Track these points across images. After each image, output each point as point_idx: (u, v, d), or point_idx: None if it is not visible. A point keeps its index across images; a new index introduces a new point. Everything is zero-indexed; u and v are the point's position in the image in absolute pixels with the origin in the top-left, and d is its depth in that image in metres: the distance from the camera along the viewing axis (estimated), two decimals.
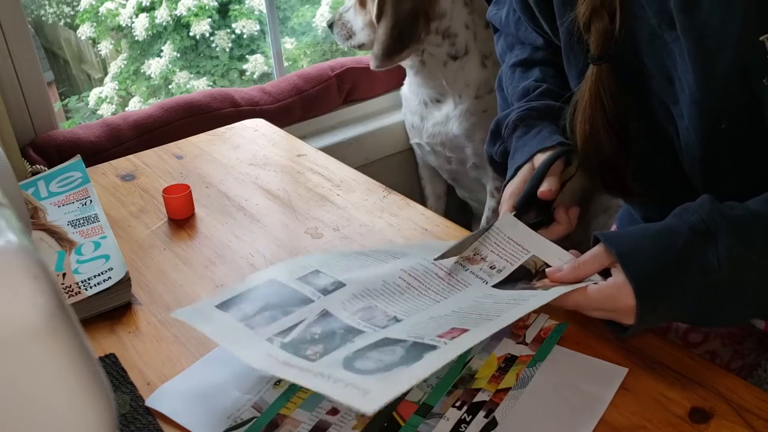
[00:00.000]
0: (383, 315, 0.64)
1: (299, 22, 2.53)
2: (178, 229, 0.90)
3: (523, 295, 0.64)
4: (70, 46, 2.51)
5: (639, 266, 0.59)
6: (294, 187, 1.00)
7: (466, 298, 0.66)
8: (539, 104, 0.81)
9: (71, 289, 0.73)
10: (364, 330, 0.61)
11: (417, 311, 0.65)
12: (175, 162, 1.09)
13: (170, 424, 0.60)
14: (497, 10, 0.93)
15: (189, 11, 2.36)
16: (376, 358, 0.56)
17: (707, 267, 0.58)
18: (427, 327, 0.60)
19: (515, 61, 0.88)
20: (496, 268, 0.70)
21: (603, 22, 0.67)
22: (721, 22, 0.59)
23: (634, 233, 0.62)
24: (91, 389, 0.34)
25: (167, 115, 1.50)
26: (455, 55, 1.49)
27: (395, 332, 0.60)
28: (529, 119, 0.80)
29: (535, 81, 0.84)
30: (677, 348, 0.66)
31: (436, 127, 1.58)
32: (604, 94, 0.70)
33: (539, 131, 0.78)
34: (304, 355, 0.57)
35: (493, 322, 0.59)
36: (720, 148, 0.66)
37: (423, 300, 0.67)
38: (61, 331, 0.32)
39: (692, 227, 0.59)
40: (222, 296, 0.66)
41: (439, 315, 0.63)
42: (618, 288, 0.60)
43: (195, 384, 0.64)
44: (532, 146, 0.77)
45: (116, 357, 0.68)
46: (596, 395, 0.61)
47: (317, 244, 0.86)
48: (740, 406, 0.59)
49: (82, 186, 0.96)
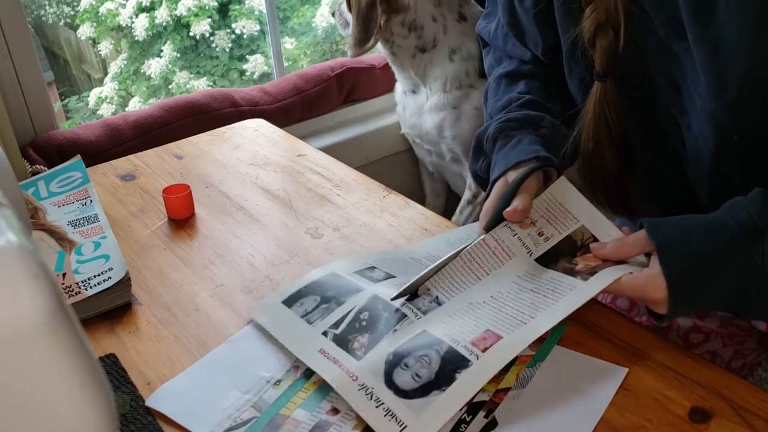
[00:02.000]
0: (426, 294, 0.69)
1: (299, 22, 2.53)
2: (178, 229, 0.90)
3: (562, 286, 0.66)
4: (70, 46, 2.51)
5: (677, 261, 0.59)
6: (294, 187, 1.00)
7: (506, 277, 0.69)
8: (518, 114, 0.78)
9: (71, 289, 0.73)
10: (406, 314, 0.67)
11: (458, 290, 0.69)
12: (175, 162, 1.09)
13: (170, 424, 0.60)
14: (486, 24, 0.92)
15: (189, 11, 2.36)
16: (413, 371, 0.61)
17: (749, 264, 0.57)
18: (464, 322, 0.65)
19: (501, 73, 0.87)
20: (544, 235, 0.70)
21: (608, 38, 0.67)
22: (736, 32, 0.58)
23: (680, 224, 0.62)
24: (91, 389, 0.34)
25: (167, 115, 1.50)
26: (423, 47, 1.51)
27: (434, 325, 0.65)
28: (508, 130, 0.77)
29: (519, 93, 0.82)
30: (677, 348, 0.66)
31: (413, 117, 1.61)
32: (608, 111, 0.70)
33: (518, 142, 0.76)
34: (350, 348, 0.64)
35: (526, 329, 0.62)
36: (731, 160, 0.65)
37: (466, 274, 0.70)
38: (61, 331, 0.32)
39: (740, 223, 0.58)
40: (288, 291, 0.75)
41: (477, 302, 0.67)
42: (651, 279, 0.60)
43: (195, 384, 0.64)
44: (509, 159, 0.75)
45: (116, 357, 0.68)
46: (596, 395, 0.61)
47: (317, 244, 0.86)
48: (740, 406, 0.59)
49: (82, 186, 0.96)
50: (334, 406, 0.60)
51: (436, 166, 1.70)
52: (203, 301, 0.76)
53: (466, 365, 0.60)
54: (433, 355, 0.62)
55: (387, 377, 0.60)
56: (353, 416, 0.59)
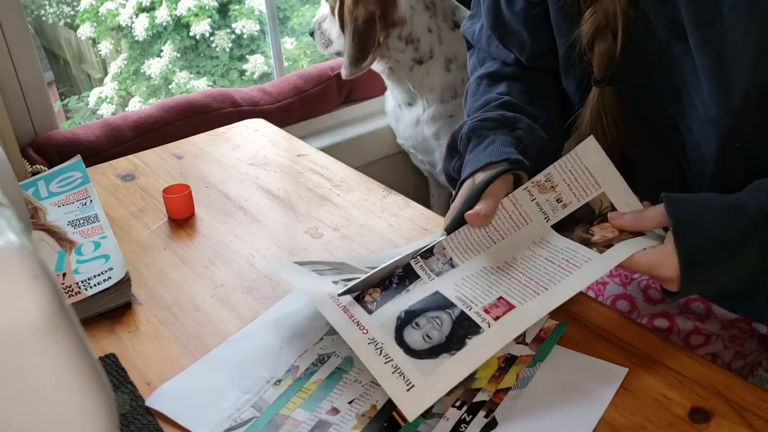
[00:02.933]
0: (440, 254, 0.69)
1: (299, 22, 2.53)
2: (178, 229, 0.90)
3: (577, 257, 0.65)
4: (70, 46, 2.51)
5: (692, 241, 0.58)
6: (294, 187, 1.00)
7: (522, 243, 0.68)
8: (494, 114, 0.75)
9: (71, 289, 0.73)
10: (419, 274, 0.67)
11: (472, 253, 0.69)
12: (175, 162, 1.09)
13: (170, 424, 0.60)
14: (471, 24, 0.89)
15: (189, 11, 2.36)
16: (425, 331, 0.61)
17: (766, 249, 0.56)
18: (477, 286, 0.65)
19: (483, 74, 0.84)
20: (563, 201, 0.69)
21: (606, 43, 0.65)
22: (741, 37, 0.57)
23: (700, 202, 0.61)
24: (91, 389, 0.34)
25: (167, 115, 1.50)
26: (420, 59, 1.49)
27: (447, 286, 0.65)
28: (482, 130, 0.74)
29: (498, 94, 0.79)
30: (677, 348, 0.66)
31: (407, 129, 1.60)
32: (605, 117, 0.68)
33: (491, 143, 0.72)
34: (362, 299, 0.65)
35: (539, 301, 0.62)
36: (733, 166, 0.65)
37: (481, 237, 0.69)
38: (61, 331, 0.32)
39: (761, 206, 0.57)
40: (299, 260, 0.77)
41: (492, 267, 0.67)
42: (664, 257, 0.59)
43: (195, 384, 0.64)
44: (479, 160, 0.71)
45: (116, 357, 0.68)
46: (596, 395, 0.61)
47: (317, 244, 0.86)
48: (740, 406, 0.59)
49: (82, 186, 0.96)
50: (334, 406, 0.60)
51: (430, 173, 1.70)
52: (203, 301, 0.76)
53: (477, 332, 0.60)
54: (444, 318, 0.62)
55: (398, 335, 0.61)
56: (353, 416, 0.59)
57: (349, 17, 1.42)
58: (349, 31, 1.44)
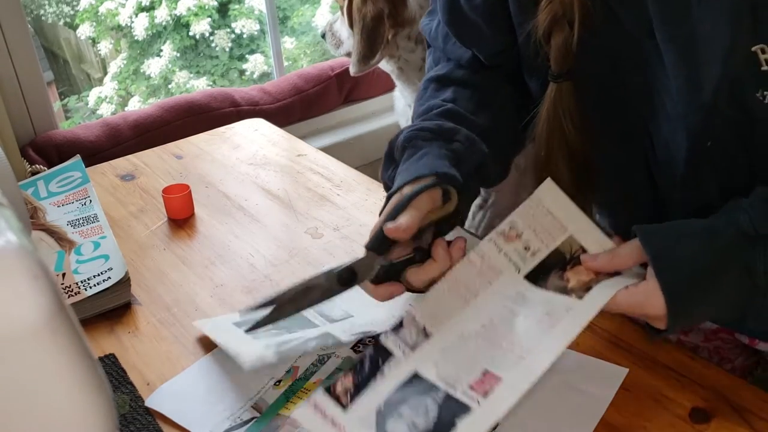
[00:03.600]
0: (411, 325, 0.62)
1: (299, 21, 2.53)
2: (178, 229, 0.90)
3: (557, 309, 0.60)
4: (69, 46, 2.51)
5: (674, 273, 0.55)
6: (294, 187, 1.00)
7: (496, 300, 0.63)
8: (431, 124, 0.70)
9: (71, 289, 0.73)
10: (392, 351, 0.60)
11: (446, 317, 0.62)
12: (174, 162, 1.09)
13: (170, 424, 0.60)
14: (429, 21, 0.83)
15: (189, 11, 2.36)
16: (409, 420, 0.55)
17: (751, 272, 0.54)
18: (458, 360, 0.59)
19: (432, 76, 0.79)
20: (531, 249, 0.65)
21: (563, 35, 0.62)
22: (710, 31, 0.55)
23: (675, 230, 0.58)
24: (90, 389, 0.34)
25: (167, 114, 1.50)
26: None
27: (426, 365, 0.59)
28: (418, 140, 0.69)
29: (443, 101, 0.74)
30: (677, 348, 0.66)
31: None
32: (563, 116, 0.64)
33: (424, 155, 0.68)
34: (333, 392, 0.57)
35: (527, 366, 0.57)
36: (704, 167, 0.62)
37: (453, 298, 0.63)
38: (61, 331, 0.32)
39: (739, 227, 0.55)
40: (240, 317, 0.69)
41: (469, 334, 0.61)
42: (649, 295, 0.56)
43: (195, 384, 0.64)
44: (409, 173, 0.66)
45: (116, 357, 0.68)
46: (596, 395, 0.61)
47: (317, 244, 0.86)
48: (740, 406, 0.59)
49: (81, 186, 0.96)
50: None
51: None
52: (203, 301, 0.76)
53: (466, 411, 0.55)
54: (429, 403, 0.56)
55: (379, 428, 0.55)
56: None
57: (358, 14, 1.43)
58: (357, 29, 1.44)
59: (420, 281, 0.63)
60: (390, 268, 0.63)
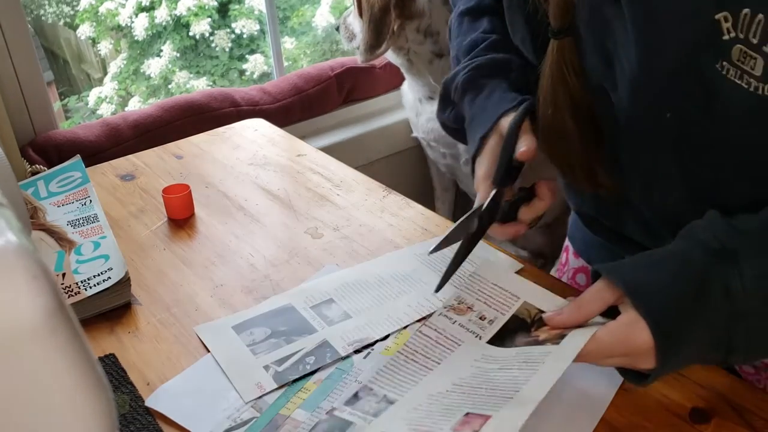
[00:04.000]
0: (369, 395, 0.59)
1: (299, 22, 2.53)
2: (178, 229, 0.90)
3: (533, 354, 0.56)
4: (69, 46, 2.51)
5: (652, 298, 0.52)
6: (294, 187, 1.00)
7: (463, 362, 0.59)
8: (485, 60, 0.72)
9: (71, 289, 0.73)
10: (352, 420, 0.56)
11: (409, 384, 0.58)
12: (174, 162, 1.09)
13: (170, 424, 0.60)
14: None
15: (189, 11, 2.36)
16: None
17: (730, 291, 0.50)
18: (432, 414, 0.53)
19: (463, 10, 0.80)
20: (487, 319, 0.62)
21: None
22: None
23: (640, 262, 0.55)
24: (90, 389, 0.34)
25: (167, 115, 1.50)
26: (439, 53, 1.50)
27: (395, 423, 0.54)
28: (478, 79, 0.71)
29: (483, 33, 0.75)
30: None
31: (429, 123, 1.60)
32: (566, 71, 0.62)
33: (491, 92, 0.70)
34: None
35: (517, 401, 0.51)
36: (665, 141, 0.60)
37: (411, 368, 0.60)
38: (60, 331, 0.32)
39: (706, 246, 0.52)
40: (240, 316, 0.72)
41: (440, 392, 0.56)
42: (630, 327, 0.52)
43: (195, 384, 0.64)
44: (491, 112, 0.68)
45: (116, 357, 0.68)
46: (596, 395, 0.61)
47: (317, 244, 0.86)
48: (740, 406, 0.59)
49: (81, 186, 0.96)
50: (334, 406, 0.60)
51: (450, 167, 1.70)
52: (203, 301, 0.76)
53: None
54: None
55: None
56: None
57: (366, 4, 1.46)
58: (366, 18, 1.47)
59: (529, 218, 0.67)
60: (510, 207, 0.67)
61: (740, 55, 0.51)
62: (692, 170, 0.59)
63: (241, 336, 0.69)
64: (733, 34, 0.51)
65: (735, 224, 0.53)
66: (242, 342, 0.68)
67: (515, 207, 0.67)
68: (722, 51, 0.52)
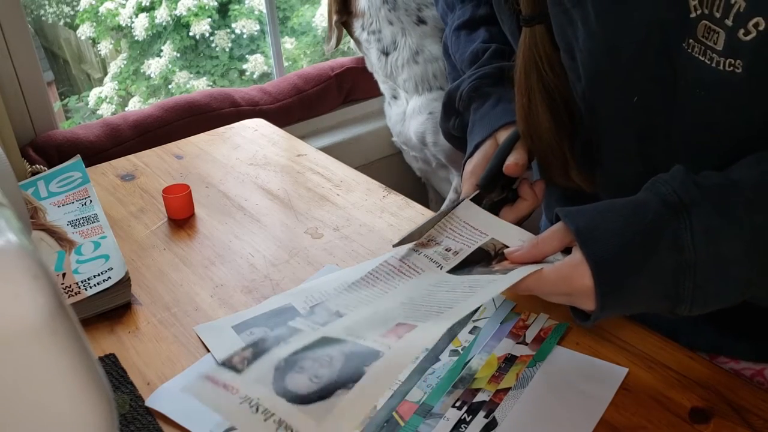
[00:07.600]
0: (323, 310, 0.60)
1: (299, 22, 2.53)
2: (178, 229, 0.90)
3: (480, 281, 0.58)
4: (69, 46, 2.51)
5: (599, 244, 0.53)
6: (294, 187, 1.00)
7: (418, 286, 0.61)
8: (491, 69, 0.72)
9: (71, 289, 0.73)
10: (302, 328, 0.57)
11: (363, 303, 0.60)
12: (175, 162, 1.09)
13: (170, 424, 0.60)
14: None
15: (189, 11, 2.35)
16: (312, 372, 0.51)
17: (679, 244, 0.51)
18: (370, 324, 0.56)
19: (458, 24, 0.80)
20: (452, 250, 0.64)
21: None
22: None
23: (599, 208, 0.56)
24: (91, 389, 0.34)
25: (167, 115, 1.50)
26: (385, 50, 1.54)
27: (334, 330, 0.56)
28: (484, 88, 0.72)
29: (483, 43, 0.76)
30: (677, 348, 0.66)
31: (397, 125, 1.63)
32: (538, 59, 0.62)
33: (497, 101, 0.70)
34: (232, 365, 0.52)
35: (444, 315, 0.53)
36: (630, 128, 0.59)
37: (370, 292, 0.62)
38: (61, 331, 0.32)
39: (663, 199, 0.53)
40: (240, 317, 0.72)
41: (386, 308, 0.58)
42: (574, 267, 0.53)
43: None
44: (493, 121, 0.69)
45: (116, 357, 0.68)
46: (596, 395, 0.61)
47: (317, 244, 0.86)
48: (740, 406, 0.59)
49: (81, 186, 0.96)
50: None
51: (423, 172, 1.71)
52: (203, 301, 0.76)
53: (376, 357, 0.50)
54: (335, 354, 0.52)
55: (278, 384, 0.50)
56: None
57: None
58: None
59: (512, 218, 0.68)
60: (492, 207, 0.68)
61: (705, 31, 0.51)
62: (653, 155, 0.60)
63: (241, 336, 0.69)
64: (700, 11, 0.51)
65: (696, 179, 0.53)
66: (242, 342, 0.69)
67: (497, 207, 0.68)
68: (689, 29, 0.52)
